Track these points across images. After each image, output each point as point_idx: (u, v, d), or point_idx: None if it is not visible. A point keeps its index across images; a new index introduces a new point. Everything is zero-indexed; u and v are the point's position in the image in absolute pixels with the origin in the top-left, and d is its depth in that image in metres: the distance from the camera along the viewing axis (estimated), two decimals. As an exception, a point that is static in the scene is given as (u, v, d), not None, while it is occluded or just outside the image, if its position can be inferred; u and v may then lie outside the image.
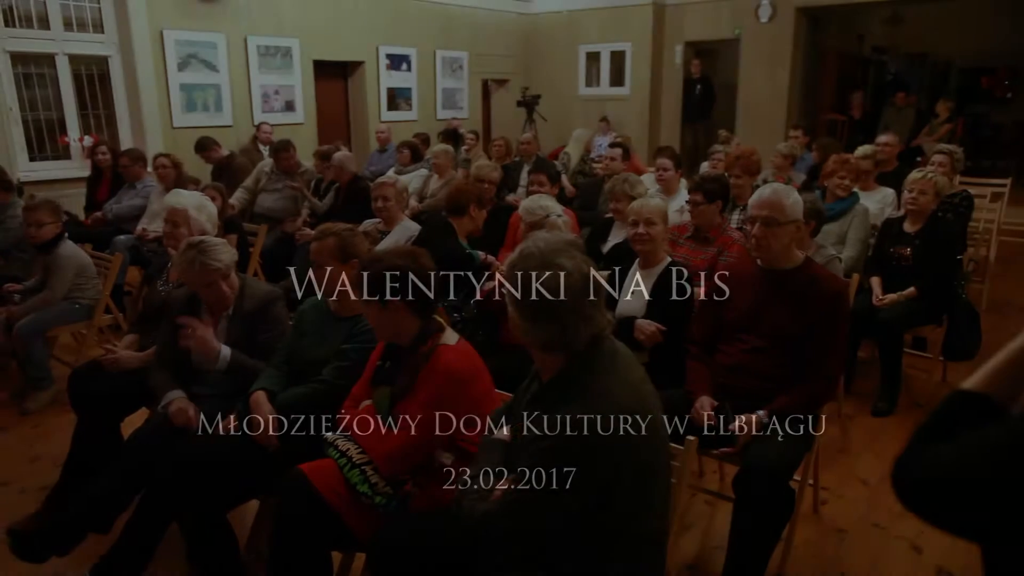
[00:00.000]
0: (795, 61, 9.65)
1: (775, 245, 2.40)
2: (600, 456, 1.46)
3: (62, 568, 2.46)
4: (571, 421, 1.45)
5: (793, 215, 2.39)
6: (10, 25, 6.29)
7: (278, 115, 8.26)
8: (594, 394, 1.49)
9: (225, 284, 2.53)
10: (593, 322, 1.52)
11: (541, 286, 1.48)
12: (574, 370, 1.54)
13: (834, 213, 4.08)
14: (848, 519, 2.83)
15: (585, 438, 1.44)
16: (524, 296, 1.50)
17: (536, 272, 1.50)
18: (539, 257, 1.52)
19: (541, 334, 1.52)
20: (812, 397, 2.34)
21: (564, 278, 1.48)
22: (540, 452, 1.48)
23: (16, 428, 3.57)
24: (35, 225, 3.70)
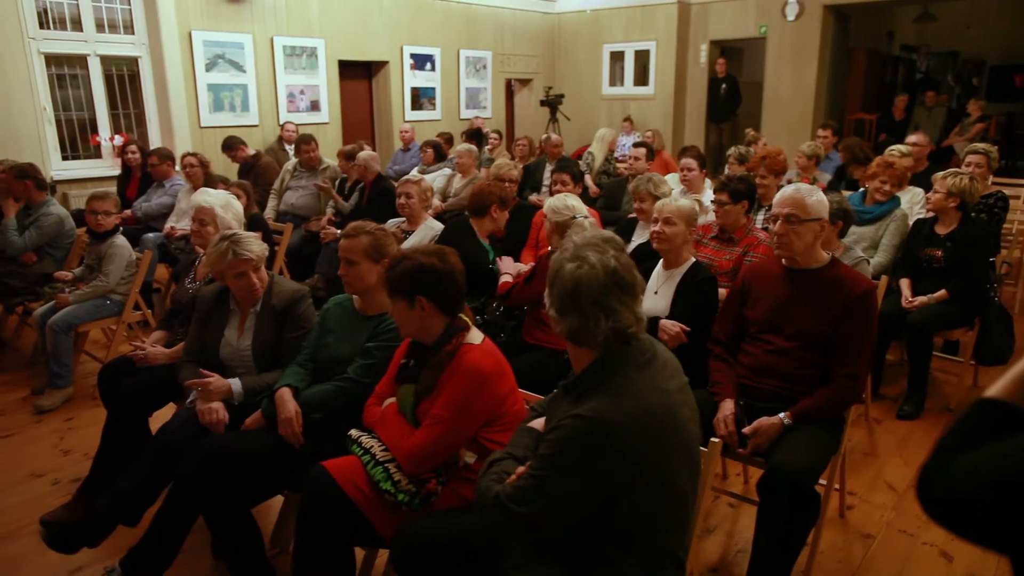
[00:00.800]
0: (822, 60, 9.53)
1: (797, 243, 2.37)
2: (613, 453, 1.46)
3: (93, 559, 2.52)
4: (590, 413, 1.46)
5: (816, 213, 2.37)
6: (45, 27, 6.42)
7: (303, 115, 8.34)
8: (618, 391, 1.50)
9: (255, 276, 2.56)
10: (617, 317, 1.52)
11: (567, 277, 1.53)
12: (603, 365, 1.55)
13: (871, 217, 4.01)
14: (875, 524, 2.79)
15: (600, 432, 1.45)
16: (553, 286, 1.57)
17: (565, 263, 1.55)
18: (572, 250, 1.58)
19: (566, 324, 1.56)
20: (837, 399, 2.31)
21: (587, 270, 1.52)
22: (555, 440, 1.50)
23: (49, 421, 3.65)
24: (103, 214, 3.84)
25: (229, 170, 6.72)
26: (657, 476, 1.50)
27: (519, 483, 1.53)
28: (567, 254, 1.57)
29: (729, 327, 2.58)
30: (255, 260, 2.54)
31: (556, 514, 1.51)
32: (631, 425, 1.46)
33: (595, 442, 1.45)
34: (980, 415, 0.96)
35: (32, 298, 4.21)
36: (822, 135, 6.56)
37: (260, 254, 2.57)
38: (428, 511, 1.92)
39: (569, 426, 1.48)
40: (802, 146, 5.69)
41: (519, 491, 1.52)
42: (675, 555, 1.60)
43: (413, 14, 9.34)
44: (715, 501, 2.88)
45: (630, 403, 1.48)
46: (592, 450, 1.45)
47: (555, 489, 1.49)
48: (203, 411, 2.40)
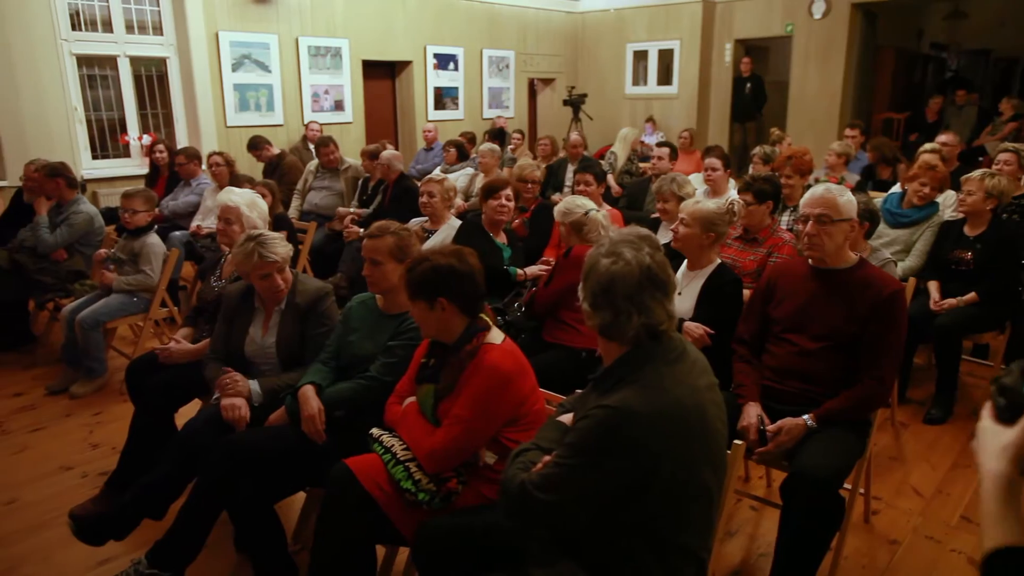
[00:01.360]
0: (849, 58, 9.40)
1: (828, 243, 2.34)
2: (637, 444, 1.46)
3: (120, 552, 2.56)
4: (616, 403, 1.47)
5: (847, 213, 2.34)
6: (76, 29, 6.54)
7: (327, 114, 8.41)
8: (646, 384, 1.51)
9: (280, 277, 2.59)
10: (650, 314, 1.54)
11: (601, 272, 1.55)
12: (632, 359, 1.56)
13: (908, 220, 3.94)
14: (901, 530, 2.74)
15: (626, 422, 1.45)
16: (587, 281, 1.59)
17: (601, 259, 1.57)
18: (608, 246, 1.60)
19: (599, 319, 1.57)
20: (864, 400, 2.27)
21: (622, 266, 1.54)
22: (581, 429, 1.51)
23: (79, 415, 3.72)
24: (129, 211, 3.93)
25: (254, 169, 6.80)
26: (681, 471, 1.49)
27: (544, 471, 1.54)
28: (603, 249, 1.59)
29: (753, 326, 2.55)
30: (280, 262, 2.57)
31: (579, 504, 1.51)
32: (657, 417, 1.46)
33: (620, 432, 1.46)
34: (1004, 569, 0.89)
35: (62, 294, 4.29)
36: (850, 135, 6.47)
37: (285, 256, 2.59)
38: (449, 510, 1.93)
39: (595, 416, 1.49)
40: (833, 144, 5.62)
41: (544, 479, 1.52)
42: (697, 555, 1.60)
43: (436, 14, 9.38)
44: (737, 504, 2.85)
45: (657, 396, 1.49)
46: (617, 440, 1.46)
47: (579, 478, 1.49)
48: (226, 407, 2.43)
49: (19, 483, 3.06)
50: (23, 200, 4.99)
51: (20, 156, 5.59)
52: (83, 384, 3.95)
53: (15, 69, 6.04)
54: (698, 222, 2.79)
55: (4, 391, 4.00)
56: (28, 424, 3.62)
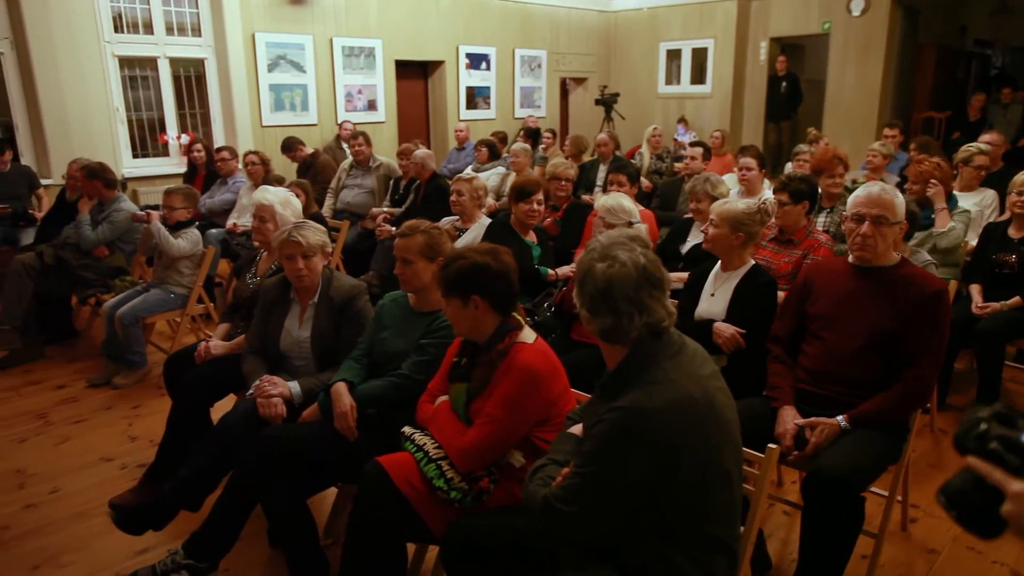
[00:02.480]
0: (889, 56, 9.20)
1: (881, 245, 2.30)
2: (654, 441, 1.46)
3: (157, 542, 2.62)
4: (627, 404, 1.48)
5: (901, 215, 2.31)
6: (119, 31, 6.70)
7: (360, 114, 8.49)
8: (654, 381, 1.51)
9: (302, 262, 2.62)
10: (651, 313, 1.55)
11: (598, 277, 1.55)
12: (637, 359, 1.57)
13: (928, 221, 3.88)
14: (940, 539, 2.68)
15: (640, 422, 1.46)
16: (583, 287, 1.59)
17: (595, 263, 1.57)
18: (599, 250, 1.60)
19: (599, 323, 1.57)
20: (902, 401, 2.21)
21: (618, 268, 1.54)
22: (597, 435, 1.51)
23: (118, 408, 3.81)
24: (168, 207, 4.08)
25: (288, 169, 6.90)
26: (700, 462, 1.50)
27: (565, 483, 1.54)
28: (595, 254, 1.59)
29: (789, 324, 2.50)
30: (304, 247, 2.61)
31: (604, 510, 1.50)
32: (670, 412, 1.47)
33: (636, 432, 1.46)
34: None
35: (103, 290, 4.41)
36: (889, 134, 6.33)
37: (312, 243, 2.63)
38: (480, 509, 1.93)
39: (609, 420, 1.49)
40: (875, 144, 5.51)
41: (565, 491, 1.52)
42: (726, 544, 1.60)
43: (469, 14, 9.41)
44: (770, 508, 2.81)
45: (667, 391, 1.49)
46: (634, 441, 1.46)
47: (601, 484, 1.49)
48: (263, 403, 2.46)
49: (61, 473, 3.15)
50: (67, 198, 5.13)
51: (65, 155, 5.75)
52: (126, 375, 4.07)
53: (60, 71, 6.21)
54: (727, 222, 2.75)
55: (48, 383, 4.12)
56: (70, 416, 3.72)
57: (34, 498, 2.95)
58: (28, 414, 3.73)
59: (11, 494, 2.98)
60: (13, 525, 2.76)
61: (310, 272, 2.66)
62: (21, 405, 3.85)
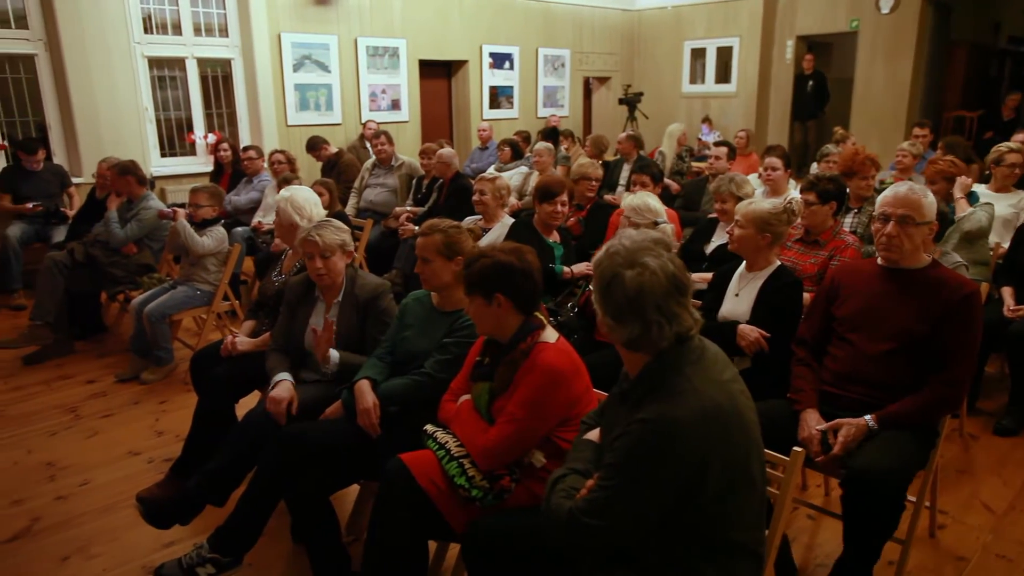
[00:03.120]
0: (919, 54, 9.04)
1: (908, 246, 2.26)
2: (682, 452, 1.43)
3: (183, 536, 2.66)
4: (655, 415, 1.44)
5: (929, 215, 2.26)
6: (148, 32, 6.81)
7: (384, 114, 8.54)
8: (679, 390, 1.48)
9: (320, 261, 2.64)
10: (679, 321, 1.50)
11: (626, 284, 1.49)
12: (660, 367, 1.52)
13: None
14: (969, 547, 2.63)
15: (668, 433, 1.43)
16: (609, 294, 1.52)
17: (622, 270, 1.50)
18: (624, 255, 1.52)
19: (626, 332, 1.52)
20: (932, 404, 2.17)
21: (649, 276, 1.48)
22: (622, 446, 1.48)
23: (146, 403, 3.87)
24: (193, 205, 4.14)
25: (313, 168, 6.96)
26: (728, 469, 1.47)
27: (590, 496, 1.51)
28: (620, 259, 1.52)
29: (816, 326, 2.47)
30: (321, 246, 2.63)
31: (632, 523, 1.48)
32: (697, 421, 1.43)
33: (664, 444, 1.43)
34: None
35: (132, 287, 4.48)
36: (919, 134, 6.22)
37: (329, 242, 2.65)
38: (500, 508, 1.93)
39: (636, 432, 1.46)
40: (903, 145, 5.41)
41: (592, 504, 1.49)
42: (751, 549, 1.58)
43: (492, 13, 9.42)
44: (794, 512, 2.78)
45: (692, 399, 1.46)
46: (662, 452, 1.43)
47: (629, 497, 1.46)
48: (272, 399, 2.49)
49: (91, 466, 3.21)
50: (96, 197, 5.23)
51: (96, 154, 5.85)
52: (153, 371, 4.14)
53: (92, 72, 6.32)
54: (752, 223, 2.72)
55: (78, 378, 4.20)
56: (99, 410, 3.78)
57: (64, 490, 3.01)
58: (59, 408, 3.81)
59: (42, 486, 3.05)
60: (44, 516, 2.82)
61: (329, 271, 2.68)
62: (52, 399, 3.93)
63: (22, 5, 6.09)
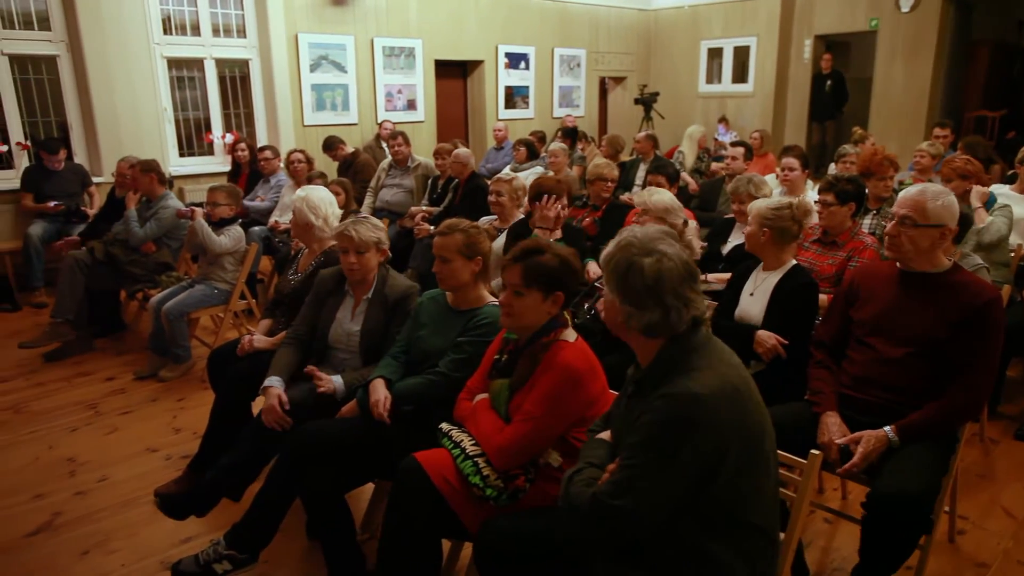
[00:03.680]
0: (939, 54, 8.93)
1: (908, 247, 2.24)
2: (706, 426, 1.45)
3: (200, 532, 2.68)
4: (678, 390, 1.47)
5: (936, 219, 2.21)
6: (168, 33, 6.88)
7: (400, 114, 8.57)
8: (696, 367, 1.52)
9: (354, 257, 2.68)
10: (694, 305, 1.56)
11: (645, 272, 1.54)
12: (675, 349, 1.57)
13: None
14: (989, 552, 2.59)
15: (692, 406, 1.45)
16: (627, 283, 1.56)
17: (639, 259, 1.56)
18: (639, 245, 1.58)
19: (646, 318, 1.55)
20: (952, 413, 2.15)
21: (667, 263, 1.55)
22: (647, 422, 1.49)
23: (164, 401, 3.91)
24: (211, 204, 4.19)
25: (329, 168, 6.99)
26: (747, 445, 1.50)
27: (614, 478, 1.52)
28: (635, 249, 1.57)
29: (834, 329, 2.45)
30: (356, 242, 2.67)
31: (657, 502, 1.48)
32: (718, 395, 1.47)
33: (689, 417, 1.45)
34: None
35: (150, 285, 4.53)
36: (939, 134, 6.15)
37: (365, 238, 2.69)
38: (514, 508, 1.93)
39: (660, 407, 1.48)
40: (922, 145, 5.35)
41: (617, 485, 1.50)
42: (771, 537, 1.60)
43: (508, 13, 9.42)
44: (811, 515, 2.76)
45: (711, 376, 1.50)
46: (687, 425, 1.45)
47: (655, 473, 1.47)
48: (265, 411, 2.54)
49: (110, 462, 3.24)
50: (116, 196, 5.29)
51: (116, 154, 5.91)
52: (171, 369, 4.18)
53: (112, 73, 6.40)
54: (755, 219, 2.77)
55: (98, 375, 4.26)
56: (118, 407, 3.83)
57: (84, 485, 3.05)
58: (79, 404, 3.86)
59: (63, 481, 3.09)
60: (65, 511, 2.86)
61: (362, 267, 2.71)
62: (73, 395, 3.98)
63: (45, 7, 6.17)
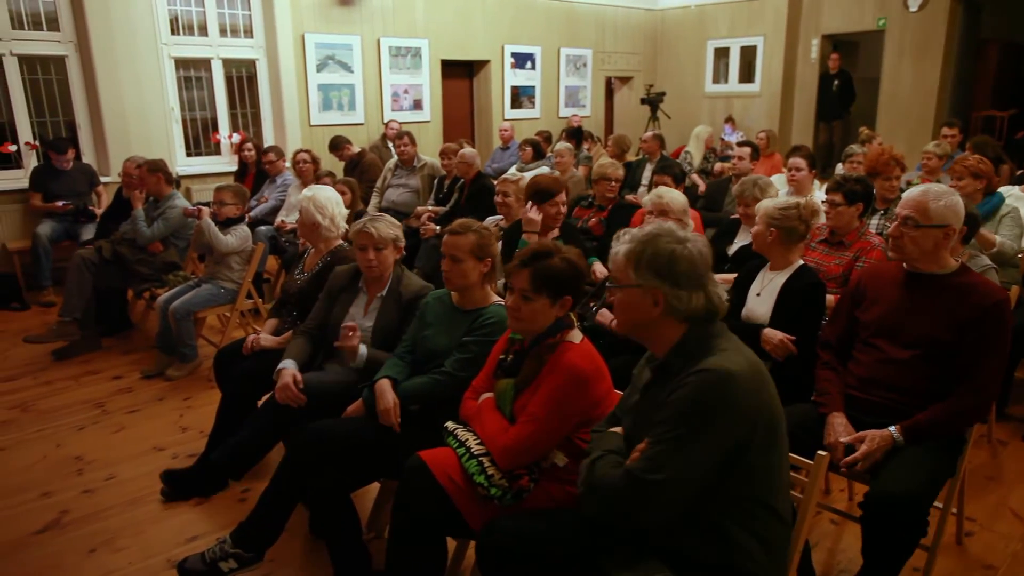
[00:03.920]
0: (948, 53, 8.89)
1: (911, 247, 2.23)
2: (739, 399, 1.49)
3: (207, 531, 2.70)
4: (710, 366, 1.50)
5: (939, 219, 2.19)
6: (175, 33, 6.91)
7: (406, 113, 8.58)
8: (722, 348, 1.56)
9: (373, 253, 2.71)
10: (716, 285, 1.64)
11: (685, 257, 1.59)
12: (701, 333, 1.60)
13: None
14: (998, 555, 2.58)
15: (725, 381, 1.49)
16: (675, 268, 1.59)
17: (674, 246, 1.61)
18: (667, 236, 1.63)
19: (693, 301, 1.58)
20: (958, 415, 2.14)
21: (694, 248, 1.61)
22: (681, 399, 1.51)
23: (171, 400, 3.93)
24: (218, 204, 4.21)
25: (336, 168, 7.01)
26: (769, 423, 1.54)
27: (648, 454, 1.53)
28: (667, 239, 1.62)
29: (840, 330, 2.44)
30: (376, 239, 2.70)
31: (691, 477, 1.50)
32: (747, 375, 1.51)
33: (723, 393, 1.48)
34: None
35: (158, 284, 4.54)
36: (947, 134, 6.12)
37: (384, 235, 2.72)
38: (518, 508, 1.93)
39: (694, 382, 1.50)
40: (928, 146, 5.32)
41: (652, 461, 1.51)
42: (786, 521, 1.63)
43: (515, 13, 9.42)
44: (817, 517, 2.75)
45: (739, 356, 1.55)
46: (721, 399, 1.48)
47: (691, 446, 1.49)
48: (279, 390, 2.60)
49: (117, 460, 3.26)
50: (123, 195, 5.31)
51: (123, 154, 5.93)
52: (178, 368, 4.20)
53: (120, 73, 6.42)
54: (762, 219, 2.77)
55: (105, 374, 4.28)
56: (125, 405, 3.85)
57: (91, 484, 3.06)
58: (87, 403, 3.88)
59: (70, 479, 3.10)
60: (72, 509, 2.87)
61: (380, 264, 2.74)
62: (80, 394, 4.00)
63: (54, 8, 6.20)
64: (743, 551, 1.55)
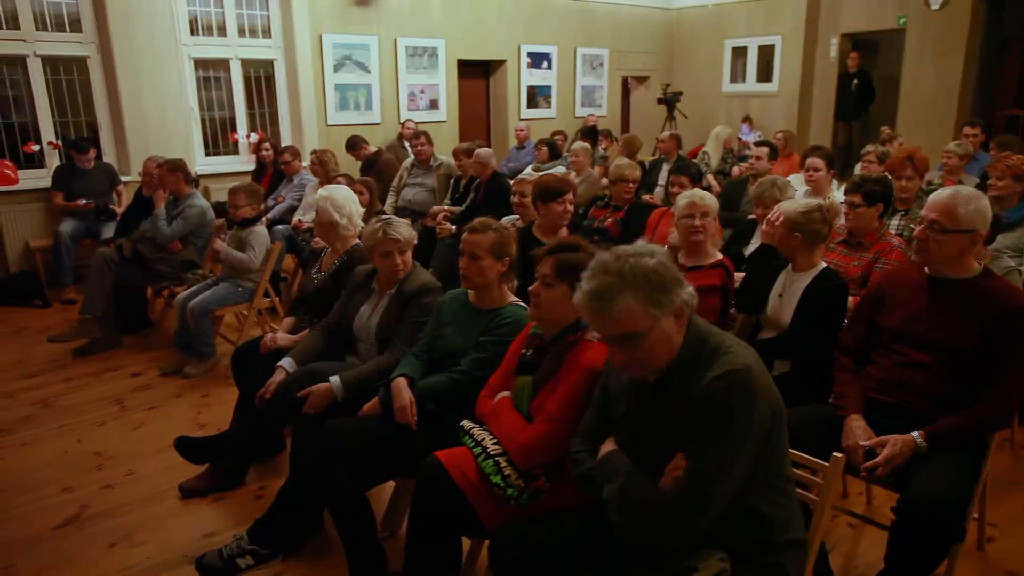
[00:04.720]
0: (970, 52, 8.75)
1: (935, 252, 2.19)
2: (764, 393, 1.52)
3: (224, 527, 2.72)
4: (728, 367, 1.51)
5: (967, 224, 2.15)
6: (195, 34, 6.98)
7: (422, 113, 8.60)
8: (725, 349, 1.57)
9: (399, 257, 2.74)
10: None
11: (655, 268, 1.56)
12: (696, 339, 1.60)
13: (1010, 222, 3.68)
14: (1019, 561, 2.54)
15: (748, 378, 1.51)
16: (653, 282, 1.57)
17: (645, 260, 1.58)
18: (626, 255, 1.58)
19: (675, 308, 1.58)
20: (983, 421, 2.10)
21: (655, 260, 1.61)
22: (709, 408, 1.50)
23: (188, 397, 3.97)
24: (233, 206, 4.24)
25: (352, 167, 7.04)
26: (778, 403, 1.58)
27: (692, 469, 1.50)
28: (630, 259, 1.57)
29: (860, 334, 2.41)
30: (402, 242, 2.73)
31: (738, 479, 1.51)
32: (756, 363, 1.55)
33: (750, 389, 1.51)
34: None
35: (176, 283, 4.59)
36: (969, 133, 6.04)
37: (407, 238, 2.75)
38: (534, 509, 1.92)
39: (718, 388, 1.50)
40: (949, 145, 5.25)
41: (702, 474, 1.49)
42: (795, 498, 1.68)
43: (531, 13, 9.42)
44: (834, 520, 2.72)
45: (742, 350, 1.58)
46: (752, 398, 1.51)
47: (736, 452, 1.49)
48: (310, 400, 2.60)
49: (136, 456, 3.30)
50: (143, 194, 5.37)
51: (143, 153, 6.00)
52: (196, 365, 4.24)
53: (140, 73, 6.50)
54: (783, 224, 2.72)
55: (124, 371, 4.33)
56: (144, 402, 3.89)
57: (111, 479, 3.10)
58: (106, 399, 3.92)
59: (91, 475, 3.14)
60: (92, 504, 2.91)
61: (405, 266, 2.78)
62: (100, 391, 4.05)
63: (76, 9, 6.29)
64: (778, 524, 1.60)
